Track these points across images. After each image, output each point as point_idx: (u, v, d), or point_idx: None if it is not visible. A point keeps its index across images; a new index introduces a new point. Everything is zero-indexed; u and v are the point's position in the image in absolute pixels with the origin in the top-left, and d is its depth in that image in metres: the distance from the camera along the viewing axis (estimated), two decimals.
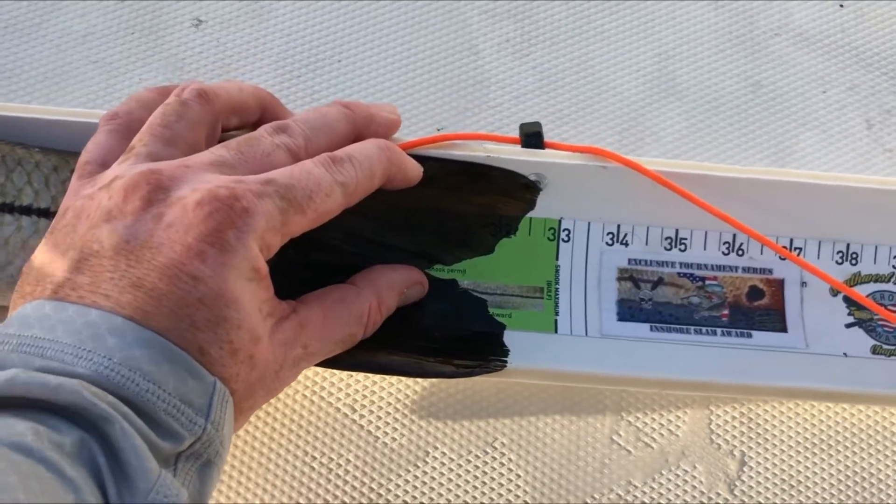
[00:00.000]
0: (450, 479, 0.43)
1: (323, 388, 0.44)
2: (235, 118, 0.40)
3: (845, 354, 0.44)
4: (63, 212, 0.36)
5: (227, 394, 0.34)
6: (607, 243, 0.45)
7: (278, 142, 0.38)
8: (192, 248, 0.33)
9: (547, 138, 0.45)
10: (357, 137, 0.41)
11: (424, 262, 0.43)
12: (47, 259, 0.35)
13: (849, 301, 0.44)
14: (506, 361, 0.41)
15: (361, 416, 0.44)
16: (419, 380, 0.44)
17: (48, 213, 0.41)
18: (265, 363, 0.35)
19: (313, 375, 0.44)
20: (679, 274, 0.45)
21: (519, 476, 0.43)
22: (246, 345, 0.34)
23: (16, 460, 0.29)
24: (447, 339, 0.42)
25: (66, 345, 0.32)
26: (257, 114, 0.41)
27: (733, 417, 0.45)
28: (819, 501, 0.43)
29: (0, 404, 0.31)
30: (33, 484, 0.28)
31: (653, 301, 0.44)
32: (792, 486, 0.43)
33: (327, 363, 0.39)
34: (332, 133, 0.40)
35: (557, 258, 0.44)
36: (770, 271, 0.45)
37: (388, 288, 0.41)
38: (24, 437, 0.30)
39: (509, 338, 0.42)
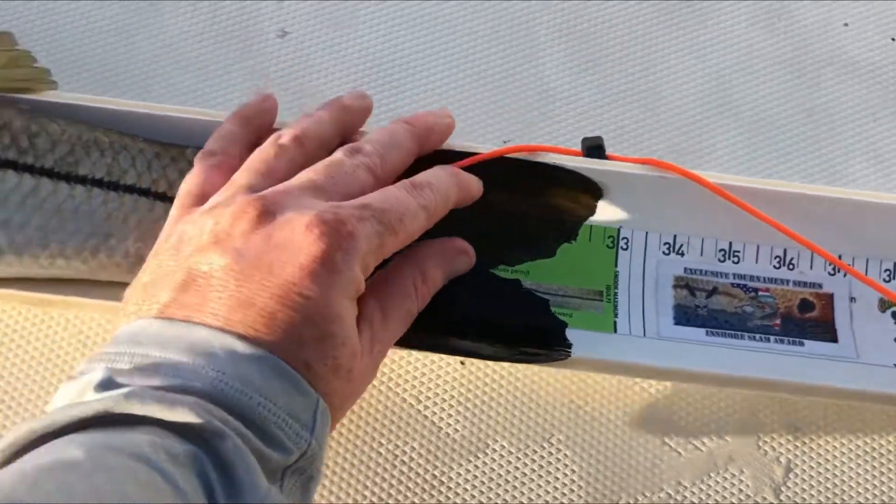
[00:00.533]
0: (508, 472, 0.45)
1: (391, 380, 0.46)
2: (324, 152, 0.42)
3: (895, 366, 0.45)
4: (166, 236, 0.38)
5: (327, 410, 0.36)
6: (664, 252, 0.46)
7: (357, 162, 0.40)
8: (304, 268, 0.35)
9: (607, 153, 0.46)
10: (421, 148, 0.43)
11: (489, 263, 0.45)
12: (152, 280, 0.36)
13: None
14: (570, 351, 0.43)
15: (426, 408, 0.46)
16: (481, 375, 0.46)
17: (148, 193, 0.43)
18: (360, 375, 0.37)
19: (381, 367, 0.46)
20: (733, 284, 0.46)
21: (574, 471, 0.45)
22: (347, 360, 0.36)
23: (134, 469, 0.30)
24: (513, 331, 0.44)
25: (179, 361, 0.33)
26: (338, 140, 0.43)
27: (780, 426, 0.46)
28: None
29: (118, 420, 0.32)
30: (149, 493, 0.29)
31: (708, 308, 0.46)
32: (836, 495, 0.44)
33: (401, 343, 0.41)
34: (402, 148, 0.42)
35: (616, 265, 0.46)
36: (820, 286, 0.46)
37: (426, 258, 0.42)
38: (141, 448, 0.30)
39: (571, 335, 0.44)
